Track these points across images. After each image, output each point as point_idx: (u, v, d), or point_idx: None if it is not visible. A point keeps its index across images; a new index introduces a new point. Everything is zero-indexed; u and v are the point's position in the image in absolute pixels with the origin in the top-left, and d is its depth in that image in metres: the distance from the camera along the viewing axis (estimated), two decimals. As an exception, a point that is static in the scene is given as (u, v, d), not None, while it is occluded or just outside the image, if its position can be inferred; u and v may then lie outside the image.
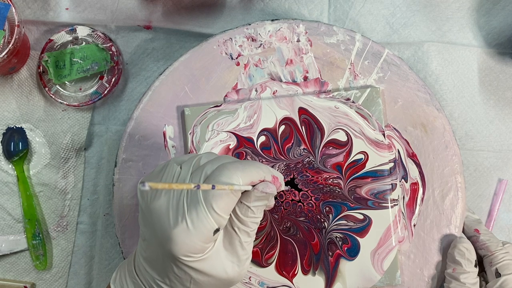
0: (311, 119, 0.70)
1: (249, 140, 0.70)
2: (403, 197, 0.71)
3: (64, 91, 0.77)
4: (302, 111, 0.70)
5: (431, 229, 0.71)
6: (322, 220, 0.70)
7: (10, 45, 0.70)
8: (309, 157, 0.70)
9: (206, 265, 0.52)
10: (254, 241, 0.69)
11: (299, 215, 0.70)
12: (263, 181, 0.54)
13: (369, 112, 0.70)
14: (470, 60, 0.78)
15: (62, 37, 0.77)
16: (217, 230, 0.51)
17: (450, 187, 0.71)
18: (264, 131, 0.70)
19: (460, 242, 0.68)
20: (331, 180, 0.70)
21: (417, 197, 0.71)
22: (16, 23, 0.70)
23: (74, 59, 0.76)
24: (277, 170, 0.70)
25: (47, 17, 0.77)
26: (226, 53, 0.72)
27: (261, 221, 0.69)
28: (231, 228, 0.54)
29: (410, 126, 0.71)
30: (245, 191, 0.53)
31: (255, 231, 0.55)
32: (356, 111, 0.70)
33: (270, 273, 0.70)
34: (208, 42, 0.72)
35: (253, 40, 0.72)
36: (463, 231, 0.71)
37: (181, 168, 0.54)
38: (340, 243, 0.70)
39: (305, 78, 0.72)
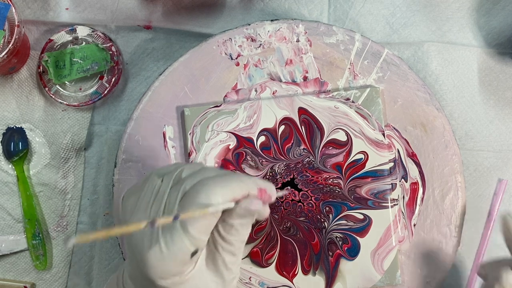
0: (310, 119, 0.70)
1: (249, 140, 0.70)
2: (403, 197, 0.71)
3: (64, 91, 0.77)
4: (301, 111, 0.70)
5: (431, 229, 0.71)
6: (322, 220, 0.70)
7: (10, 45, 0.70)
8: (309, 157, 0.70)
9: (187, 287, 0.49)
10: (255, 241, 0.70)
11: (299, 215, 0.70)
12: (246, 196, 0.49)
13: (368, 112, 0.70)
14: (470, 60, 0.78)
15: (62, 37, 0.77)
16: (195, 252, 0.48)
17: (450, 187, 0.71)
18: (264, 131, 0.70)
19: None
20: (331, 180, 0.70)
21: (417, 197, 0.71)
22: (16, 23, 0.70)
23: (74, 59, 0.76)
24: (277, 170, 0.70)
25: (47, 17, 0.78)
26: (225, 53, 0.72)
27: (261, 221, 0.70)
28: (214, 247, 0.50)
29: (410, 125, 0.71)
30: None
31: (242, 249, 0.51)
32: (355, 111, 0.70)
33: (270, 273, 0.70)
34: (207, 42, 0.72)
35: (252, 40, 0.72)
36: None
37: (162, 181, 0.51)
38: (340, 243, 0.70)
39: (305, 78, 0.72)
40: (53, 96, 0.76)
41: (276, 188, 0.69)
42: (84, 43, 0.77)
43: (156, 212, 0.48)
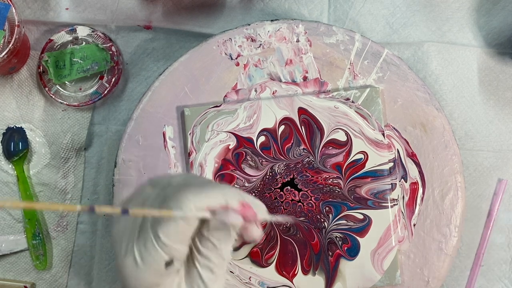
0: (310, 119, 0.70)
1: (249, 140, 0.70)
2: (403, 197, 0.71)
3: (64, 91, 0.77)
4: (301, 111, 0.70)
5: (431, 229, 0.71)
6: (322, 220, 0.70)
7: (10, 45, 0.70)
8: (308, 157, 0.70)
9: None
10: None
11: (299, 215, 0.70)
12: (225, 207, 0.46)
13: (368, 112, 0.70)
14: (470, 60, 0.78)
15: (62, 37, 0.77)
16: (169, 263, 0.45)
17: (450, 187, 0.71)
18: (263, 131, 0.70)
19: None
20: (331, 180, 0.70)
21: (416, 197, 0.71)
22: (16, 23, 0.70)
23: (74, 59, 0.76)
24: (277, 170, 0.70)
25: (47, 17, 0.78)
26: (225, 54, 0.72)
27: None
28: (192, 262, 0.48)
29: (410, 125, 0.71)
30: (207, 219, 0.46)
31: (223, 268, 0.48)
32: (355, 111, 0.70)
33: (270, 273, 0.70)
34: (207, 42, 0.72)
35: (252, 40, 0.72)
36: None
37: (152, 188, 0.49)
38: (340, 243, 0.70)
39: (305, 78, 0.72)
40: (53, 96, 0.76)
41: (275, 188, 0.69)
42: (84, 43, 0.77)
43: (135, 221, 0.47)
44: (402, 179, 0.71)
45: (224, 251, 0.47)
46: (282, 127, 0.70)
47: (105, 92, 0.76)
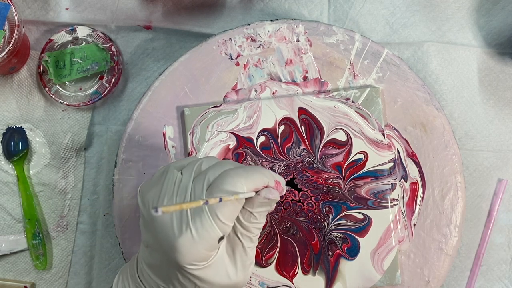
0: (310, 119, 0.70)
1: (249, 140, 0.70)
2: (403, 197, 0.71)
3: (64, 91, 0.77)
4: (301, 111, 0.70)
5: (431, 229, 0.71)
6: (322, 220, 0.70)
7: (10, 45, 0.70)
8: (308, 157, 0.70)
9: (210, 272, 0.52)
10: (254, 241, 0.70)
11: (299, 215, 0.70)
12: (266, 186, 0.53)
13: (368, 112, 0.70)
14: (470, 60, 0.78)
15: (62, 37, 0.77)
16: (221, 238, 0.51)
17: (450, 187, 0.71)
18: (263, 131, 0.70)
19: None
20: (331, 180, 0.70)
21: (417, 197, 0.71)
22: (16, 23, 0.70)
23: (74, 59, 0.76)
24: (277, 170, 0.70)
25: (47, 17, 0.78)
26: (225, 54, 0.72)
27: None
28: (234, 234, 0.54)
29: (410, 125, 0.71)
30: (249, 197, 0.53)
31: (258, 236, 0.55)
32: (355, 111, 0.70)
33: (270, 273, 0.70)
34: (207, 42, 0.72)
35: (252, 40, 0.72)
36: None
37: (182, 174, 0.53)
38: (340, 243, 0.70)
39: (305, 78, 0.72)
40: (53, 96, 0.76)
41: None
42: (84, 43, 0.77)
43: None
44: (402, 179, 0.71)
45: (262, 223, 0.54)
46: (282, 127, 0.70)
47: (105, 92, 0.76)
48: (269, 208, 0.54)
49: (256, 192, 0.53)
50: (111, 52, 0.76)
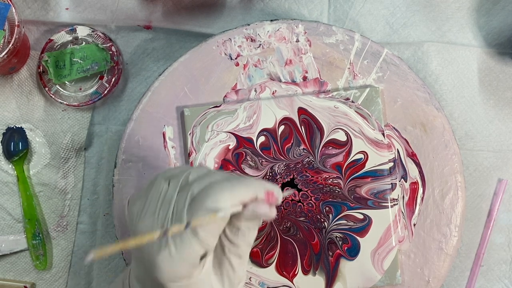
0: (310, 119, 0.70)
1: (249, 141, 0.70)
2: (403, 197, 0.71)
3: (64, 91, 0.77)
4: (301, 111, 0.70)
5: (431, 229, 0.71)
6: (322, 220, 0.70)
7: (10, 45, 0.70)
8: (308, 157, 0.70)
9: None
10: (254, 241, 0.69)
11: (299, 215, 0.70)
12: (254, 199, 0.49)
13: (368, 112, 0.70)
14: (470, 60, 0.78)
15: (62, 37, 0.77)
16: (204, 256, 0.48)
17: (450, 187, 0.71)
18: (263, 131, 0.70)
19: None
20: (331, 180, 0.70)
21: (417, 197, 0.71)
22: (16, 23, 0.70)
23: (74, 59, 0.76)
24: (277, 170, 0.70)
25: (47, 17, 0.78)
26: (225, 54, 0.72)
27: (266, 222, 0.70)
28: (221, 251, 0.51)
29: (410, 125, 0.71)
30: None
31: (248, 252, 0.52)
32: (355, 111, 0.70)
33: (270, 273, 0.70)
34: (207, 42, 0.72)
35: (252, 40, 0.72)
36: None
37: (168, 185, 0.51)
38: (340, 243, 0.70)
39: (305, 78, 0.72)
40: (53, 96, 0.76)
41: (276, 188, 0.69)
42: (84, 43, 0.77)
43: (164, 217, 0.49)
44: (402, 179, 0.71)
45: (251, 238, 0.51)
46: (282, 127, 0.70)
47: (105, 92, 0.76)
48: (259, 222, 0.51)
49: (244, 205, 0.49)
50: (111, 52, 0.76)
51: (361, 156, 0.70)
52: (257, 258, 0.70)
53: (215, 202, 0.47)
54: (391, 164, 0.70)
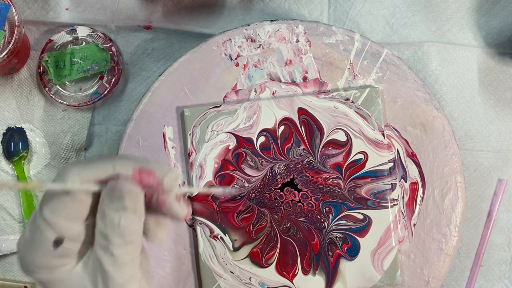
0: (310, 119, 0.70)
1: (249, 141, 0.70)
2: (403, 197, 0.71)
3: (64, 91, 0.77)
4: (301, 111, 0.70)
5: (431, 229, 0.71)
6: (322, 220, 0.70)
7: (10, 45, 0.70)
8: (308, 157, 0.70)
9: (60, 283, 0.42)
10: (254, 241, 0.70)
11: (299, 215, 0.70)
12: (115, 176, 0.41)
13: (368, 112, 0.70)
14: (470, 60, 0.78)
15: (62, 37, 0.77)
16: (59, 242, 0.40)
17: (450, 187, 0.71)
18: (263, 131, 0.70)
19: None
20: (331, 180, 0.70)
21: (416, 197, 0.71)
22: (16, 23, 0.70)
23: (74, 59, 0.76)
24: (277, 170, 0.70)
25: (47, 17, 0.78)
26: (225, 54, 0.72)
27: (261, 221, 0.70)
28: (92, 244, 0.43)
29: (410, 125, 0.71)
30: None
31: (127, 254, 0.40)
32: (355, 111, 0.70)
33: (270, 273, 0.70)
34: (207, 43, 0.72)
35: (252, 40, 0.72)
36: None
37: None
38: (340, 243, 0.70)
39: (304, 79, 0.72)
40: (53, 96, 0.76)
41: (275, 189, 0.69)
42: (84, 43, 0.77)
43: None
44: (402, 179, 0.71)
45: (126, 229, 0.40)
46: (282, 128, 0.70)
47: (105, 92, 0.76)
48: (123, 205, 0.40)
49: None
50: (111, 52, 0.76)
51: (361, 156, 0.70)
52: (257, 258, 0.70)
53: (59, 176, 0.40)
54: (391, 164, 0.70)
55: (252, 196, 0.70)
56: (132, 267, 0.41)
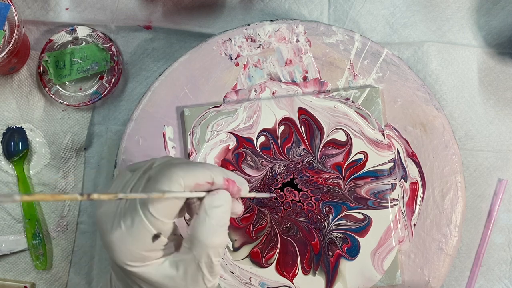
0: (310, 119, 0.70)
1: (249, 141, 0.70)
2: (403, 197, 0.71)
3: (64, 91, 0.77)
4: (301, 111, 0.70)
5: (431, 229, 0.71)
6: (322, 220, 0.70)
7: (10, 45, 0.70)
8: (308, 157, 0.70)
9: (151, 273, 0.47)
10: (255, 241, 0.70)
11: (299, 215, 0.70)
12: (211, 183, 0.47)
13: (368, 112, 0.70)
14: (470, 60, 0.78)
15: (62, 37, 0.77)
16: (156, 236, 0.46)
17: (450, 187, 0.71)
18: (263, 131, 0.70)
19: None
20: (331, 180, 0.70)
21: (417, 197, 0.71)
22: (16, 23, 0.70)
23: (74, 59, 0.76)
24: (277, 170, 0.70)
25: (47, 17, 0.78)
26: (225, 54, 0.72)
27: (261, 221, 0.70)
28: (187, 250, 0.48)
29: (410, 125, 0.71)
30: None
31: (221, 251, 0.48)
32: (355, 111, 0.70)
33: (270, 273, 0.70)
34: (207, 42, 0.72)
35: (252, 40, 0.72)
36: None
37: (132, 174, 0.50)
38: (340, 243, 0.70)
39: (305, 78, 0.72)
40: (53, 96, 0.76)
41: (275, 189, 0.69)
42: (84, 43, 0.77)
43: (120, 202, 0.48)
44: (402, 179, 0.71)
45: (222, 220, 0.48)
46: (282, 127, 0.70)
47: (105, 92, 0.76)
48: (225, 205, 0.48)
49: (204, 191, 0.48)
50: (111, 52, 0.76)
51: (361, 156, 0.70)
52: (257, 258, 0.70)
53: (168, 179, 0.45)
54: (391, 164, 0.70)
55: (252, 196, 0.70)
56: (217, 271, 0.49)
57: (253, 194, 0.57)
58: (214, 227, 0.47)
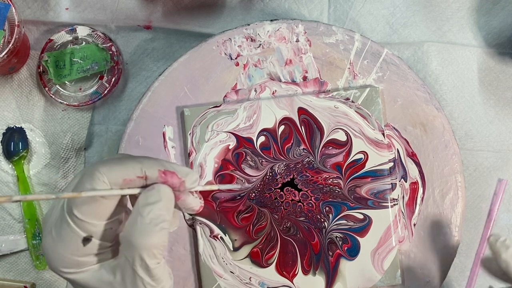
0: (310, 119, 0.70)
1: (249, 140, 0.70)
2: (403, 197, 0.71)
3: (64, 91, 0.77)
4: (301, 111, 0.70)
5: (431, 229, 0.71)
6: (322, 220, 0.70)
7: (10, 45, 0.70)
8: (308, 157, 0.70)
9: (90, 280, 0.45)
10: (255, 241, 0.70)
11: (299, 215, 0.70)
12: (143, 177, 0.44)
13: (368, 112, 0.70)
14: (470, 60, 0.78)
15: (62, 37, 0.77)
16: (87, 240, 0.43)
17: (450, 187, 0.71)
18: (263, 131, 0.70)
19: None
20: (331, 180, 0.70)
21: (417, 197, 0.71)
22: (16, 23, 0.70)
23: (74, 59, 0.76)
24: (277, 170, 0.70)
25: (47, 17, 0.78)
26: (225, 54, 0.72)
27: (261, 221, 0.70)
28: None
29: (410, 125, 0.71)
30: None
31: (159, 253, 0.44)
32: (355, 111, 0.70)
33: (270, 273, 0.70)
34: (207, 42, 0.72)
35: (252, 40, 0.72)
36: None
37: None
38: (340, 243, 0.70)
39: (305, 78, 0.72)
40: (53, 96, 0.76)
41: (275, 188, 0.69)
42: (84, 43, 0.77)
43: (57, 205, 0.45)
44: (402, 179, 0.71)
45: (160, 217, 0.44)
46: (282, 127, 0.70)
47: (105, 92, 0.76)
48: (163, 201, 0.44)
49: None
50: (111, 52, 0.76)
51: (361, 156, 0.70)
52: (257, 258, 0.70)
53: (89, 178, 0.42)
54: (391, 164, 0.70)
55: (252, 196, 0.70)
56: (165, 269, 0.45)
57: (215, 187, 0.53)
58: (147, 227, 0.43)
